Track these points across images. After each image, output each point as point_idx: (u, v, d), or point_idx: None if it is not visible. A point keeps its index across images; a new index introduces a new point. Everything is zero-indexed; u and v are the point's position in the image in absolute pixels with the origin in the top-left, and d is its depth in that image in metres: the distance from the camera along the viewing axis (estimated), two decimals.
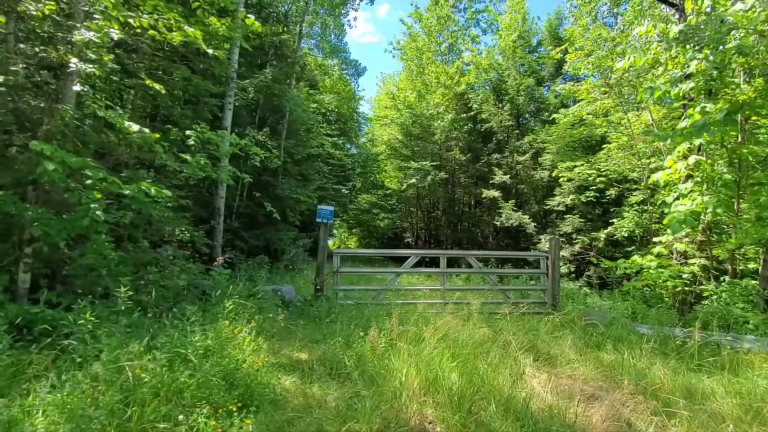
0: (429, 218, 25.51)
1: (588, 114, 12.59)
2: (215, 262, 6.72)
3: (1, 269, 3.99)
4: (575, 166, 12.87)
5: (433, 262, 15.34)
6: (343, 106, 26.33)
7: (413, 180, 18.40)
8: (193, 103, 7.83)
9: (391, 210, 27.81)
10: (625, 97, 11.95)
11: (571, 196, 13.54)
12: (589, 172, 12.45)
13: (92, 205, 4.01)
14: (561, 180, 13.70)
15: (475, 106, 18.10)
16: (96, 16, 3.92)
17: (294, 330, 5.13)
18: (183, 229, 7.88)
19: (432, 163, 18.36)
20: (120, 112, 4.59)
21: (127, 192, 4.12)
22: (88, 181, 4.08)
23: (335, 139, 20.85)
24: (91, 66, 3.88)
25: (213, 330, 3.86)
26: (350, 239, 38.03)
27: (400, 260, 18.41)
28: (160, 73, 6.80)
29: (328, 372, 3.78)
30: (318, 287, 7.03)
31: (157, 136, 4.80)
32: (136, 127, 4.45)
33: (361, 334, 4.59)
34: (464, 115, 18.66)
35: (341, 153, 22.28)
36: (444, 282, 7.47)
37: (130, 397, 2.52)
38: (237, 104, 10.43)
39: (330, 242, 33.11)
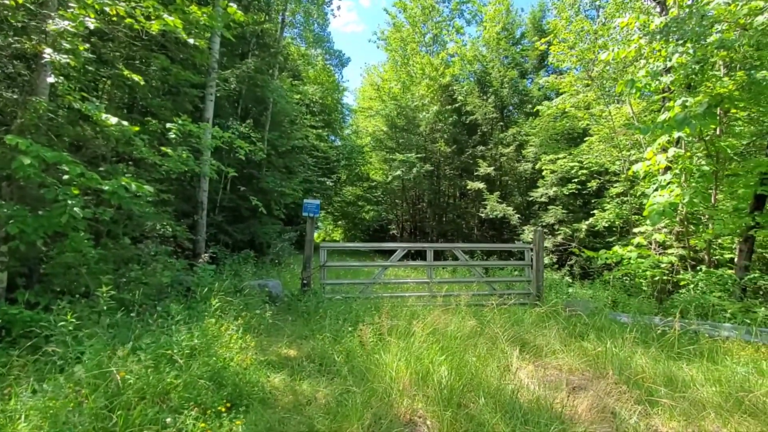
0: (414, 210, 25.58)
1: (570, 107, 12.73)
2: (200, 258, 6.59)
3: None
4: (558, 159, 13.04)
5: (420, 254, 15.43)
6: (327, 98, 26.00)
7: (398, 172, 18.39)
8: (172, 93, 7.60)
9: (376, 202, 27.79)
10: (607, 90, 12.12)
11: (554, 188, 13.74)
12: (572, 164, 12.64)
13: (69, 202, 3.86)
14: (544, 172, 13.89)
15: (459, 98, 18.11)
16: (71, 4, 3.73)
17: (282, 326, 5.09)
18: (165, 223, 7.70)
19: (417, 155, 18.37)
20: (96, 104, 4.41)
21: (106, 188, 3.98)
22: (65, 177, 3.93)
23: (319, 131, 20.64)
24: (65, 56, 3.70)
25: (199, 328, 3.79)
26: (335, 231, 37.89)
27: (387, 253, 18.45)
28: (137, 63, 6.57)
29: (318, 368, 3.76)
30: (305, 282, 6.98)
31: (137, 129, 4.65)
32: (114, 120, 4.29)
33: (350, 329, 4.58)
34: (449, 107, 18.67)
35: (326, 145, 22.06)
36: (431, 275, 7.51)
37: (114, 401, 2.45)
38: (219, 95, 10.19)
39: (315, 234, 32.95)
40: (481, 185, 16.58)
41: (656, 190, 7.47)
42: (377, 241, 33.28)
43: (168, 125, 5.30)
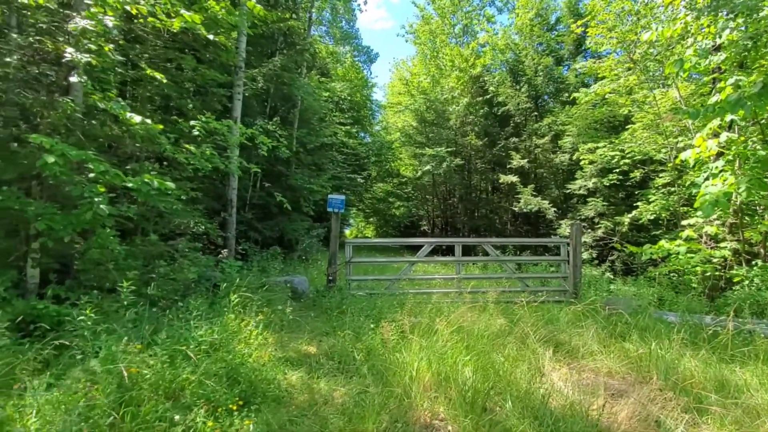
0: (445, 206, 25.18)
1: (611, 92, 11.99)
2: (220, 254, 6.67)
3: (9, 265, 3.98)
4: (597, 148, 12.32)
5: (449, 250, 15.11)
6: (356, 94, 26.02)
7: (428, 167, 18.09)
8: (201, 94, 7.74)
9: (406, 198, 27.58)
10: (651, 73, 11.31)
11: (594, 180, 13.02)
12: (612, 153, 11.90)
13: (96, 199, 3.95)
14: (582, 163, 13.18)
15: (491, 88, 17.54)
16: (88, 1, 3.80)
17: (303, 323, 5.03)
18: (196, 221, 7.87)
19: (447, 149, 17.99)
20: (122, 103, 4.49)
21: (130, 185, 4.04)
22: (92, 175, 4.02)
23: (348, 127, 20.67)
24: (87, 56, 3.77)
25: (220, 324, 3.78)
26: (367, 229, 38.01)
27: (415, 249, 18.25)
28: (168, 64, 6.71)
29: (337, 366, 3.65)
30: (330, 278, 6.92)
31: (161, 127, 4.70)
32: (138, 118, 4.35)
33: (372, 326, 4.44)
34: (480, 98, 18.14)
35: (355, 141, 22.10)
36: (459, 270, 7.25)
37: (126, 395, 2.43)
38: (246, 94, 10.32)
39: (347, 231, 33.17)
40: (514, 178, 16.01)
41: (707, 179, 6.85)
42: (408, 238, 33.19)
43: (192, 122, 5.36)
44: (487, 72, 18.86)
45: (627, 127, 12.06)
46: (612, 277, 11.40)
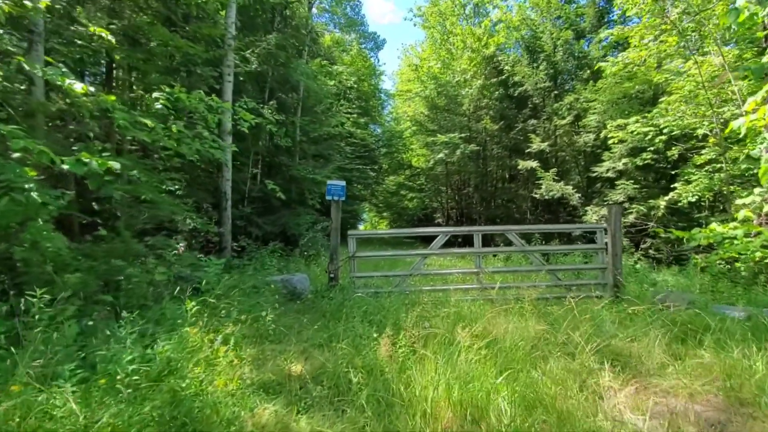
0: (460, 196, 24.10)
1: (643, 59, 10.79)
2: (224, 252, 5.86)
3: None
4: (628, 124, 11.12)
5: (467, 241, 14.10)
6: (364, 83, 25.02)
7: (441, 155, 17.06)
8: (182, 71, 6.91)
9: (419, 190, 26.58)
10: (688, 37, 10.06)
11: (624, 160, 11.82)
12: (646, 129, 10.70)
13: (27, 185, 3.14)
14: (611, 142, 11.99)
15: (506, 68, 16.37)
16: None
17: (293, 331, 4.15)
18: (183, 215, 7.10)
19: (461, 135, 16.92)
20: (63, 69, 3.66)
21: (66, 166, 3.21)
22: (16, 155, 3.21)
23: (356, 116, 19.77)
24: None
25: (177, 339, 2.94)
26: (381, 223, 37.12)
27: (428, 240, 17.40)
28: (139, 36, 5.89)
29: (326, 394, 2.76)
30: (332, 275, 6.05)
31: (113, 98, 3.86)
32: (79, 86, 3.52)
33: (375, 335, 3.55)
34: (495, 79, 16.98)
35: (363, 132, 21.19)
36: (479, 263, 6.29)
37: None
38: (241, 78, 9.51)
39: (360, 227, 32.30)
40: (534, 163, 14.88)
41: None
42: (415, 228, 32.14)
43: (155, 95, 4.51)
44: (501, 52, 17.68)
45: (660, 101, 10.86)
46: (649, 266, 10.28)
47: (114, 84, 5.75)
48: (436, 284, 6.41)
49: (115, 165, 3.23)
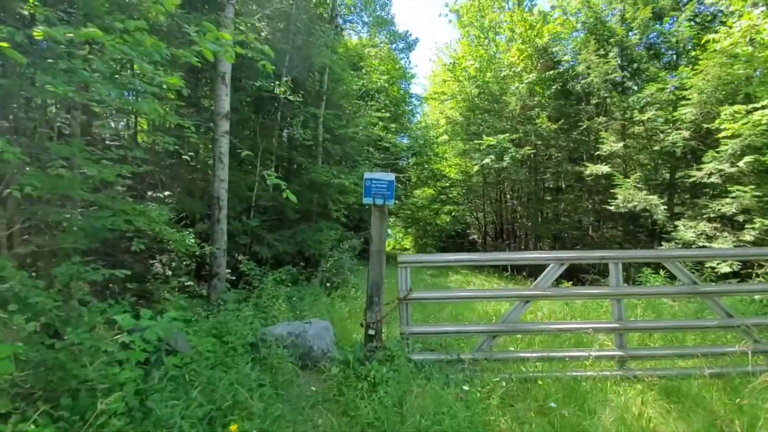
0: (501, 209, 21.37)
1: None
2: (215, 279, 3.55)
3: None
4: (755, 109, 8.35)
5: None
6: (394, 88, 22.92)
7: (487, 159, 14.49)
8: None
9: (455, 203, 24.02)
10: None
11: (746, 158, 8.96)
12: None
13: None
14: (724, 132, 9.19)
15: (565, 58, 13.83)
16: None
17: None
18: (160, 228, 4.91)
19: (510, 136, 14.37)
20: None
21: None
22: None
23: (387, 121, 17.57)
24: None
25: None
26: (405, 240, 34.36)
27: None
28: None
29: None
30: (372, 331, 3.59)
31: None
32: None
33: None
34: (551, 72, 14.42)
35: (394, 137, 18.93)
36: (620, 312, 3.70)
37: None
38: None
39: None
40: (606, 168, 12.15)
41: None
42: (454, 249, 29.28)
43: None
44: (557, 42, 15.14)
45: None
46: None
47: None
48: (544, 349, 3.86)
49: None
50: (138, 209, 4.68)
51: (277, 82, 6.63)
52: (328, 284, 6.52)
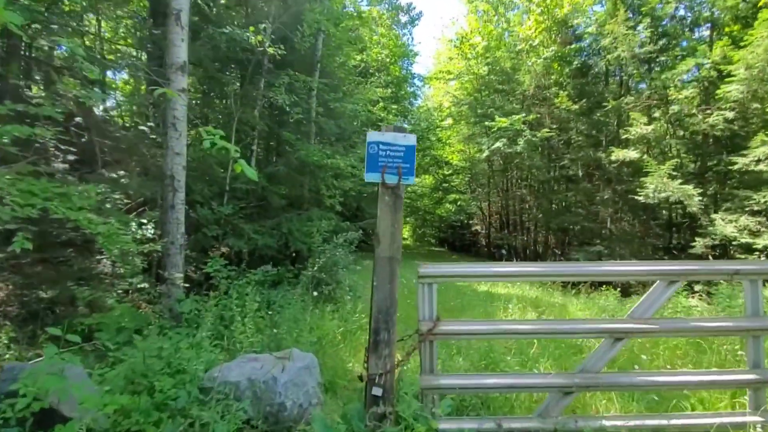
0: (507, 198, 20.01)
1: None
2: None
3: None
4: None
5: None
6: (395, 68, 21.31)
7: (499, 143, 13.08)
8: None
9: (459, 192, 22.66)
10: None
11: None
12: None
13: None
14: None
15: (589, 30, 12.34)
16: None
17: None
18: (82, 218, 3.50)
19: (525, 117, 12.95)
20: None
21: None
22: None
23: (388, 100, 16.10)
24: None
25: None
26: (403, 230, 32.95)
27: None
28: None
29: None
30: (378, 390, 2.24)
31: None
32: None
33: None
34: (572, 45, 12.96)
35: (395, 119, 17.47)
36: (758, 359, 2.38)
37: None
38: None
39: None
40: (634, 153, 10.82)
41: None
42: (455, 240, 27.95)
43: None
44: (578, 14, 13.63)
45: None
46: None
47: None
48: (639, 417, 2.53)
49: None
50: (55, 191, 3.28)
51: (252, 29, 5.18)
52: (315, 293, 5.14)
